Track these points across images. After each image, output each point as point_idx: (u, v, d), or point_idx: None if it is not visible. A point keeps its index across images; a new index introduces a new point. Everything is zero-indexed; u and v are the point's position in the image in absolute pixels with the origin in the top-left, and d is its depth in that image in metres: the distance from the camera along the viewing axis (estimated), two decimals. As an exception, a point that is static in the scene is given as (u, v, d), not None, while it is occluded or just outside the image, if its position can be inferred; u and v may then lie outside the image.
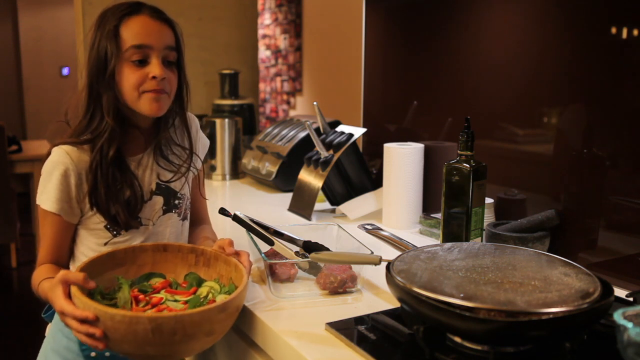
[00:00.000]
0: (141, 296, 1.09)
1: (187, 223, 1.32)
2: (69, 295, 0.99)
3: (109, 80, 1.14)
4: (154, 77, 1.14)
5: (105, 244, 1.20)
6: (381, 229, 1.61)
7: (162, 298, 1.09)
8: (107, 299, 1.07)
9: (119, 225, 1.19)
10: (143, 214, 1.22)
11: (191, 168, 1.29)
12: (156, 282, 1.15)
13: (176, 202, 1.27)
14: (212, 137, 2.32)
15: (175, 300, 1.09)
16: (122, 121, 1.18)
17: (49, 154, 1.17)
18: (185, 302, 1.08)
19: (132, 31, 1.13)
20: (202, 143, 1.38)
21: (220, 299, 1.07)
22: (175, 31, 1.19)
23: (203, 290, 1.12)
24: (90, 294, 1.04)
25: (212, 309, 0.97)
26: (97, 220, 1.19)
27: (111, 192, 1.16)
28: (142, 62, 1.14)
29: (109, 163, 1.16)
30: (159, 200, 1.24)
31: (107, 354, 1.19)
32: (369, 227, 1.63)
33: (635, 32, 1.23)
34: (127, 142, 1.21)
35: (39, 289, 1.12)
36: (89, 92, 1.16)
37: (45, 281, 1.10)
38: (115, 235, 1.20)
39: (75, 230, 1.21)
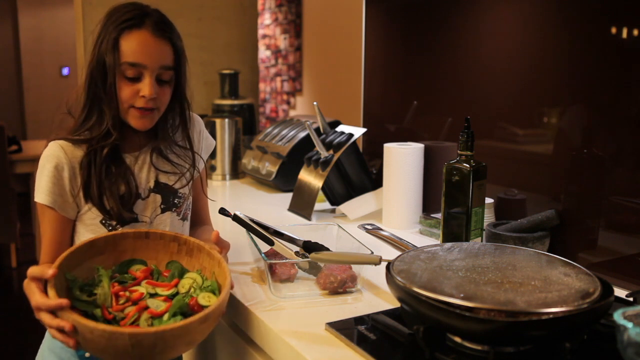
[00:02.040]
0: (121, 292, 1.07)
1: (187, 223, 1.32)
2: (45, 291, 0.99)
3: (111, 89, 1.14)
4: (143, 96, 1.14)
5: None
6: (381, 229, 1.61)
7: (142, 293, 1.07)
8: (86, 292, 1.05)
9: (112, 218, 1.19)
10: (140, 210, 1.22)
11: (198, 168, 1.29)
12: (137, 269, 1.13)
13: (175, 200, 1.27)
14: (212, 137, 2.32)
15: (156, 294, 1.08)
16: (120, 123, 1.18)
17: (46, 147, 1.18)
18: (166, 298, 1.07)
19: (130, 47, 1.12)
20: (206, 143, 1.38)
21: (202, 298, 1.06)
22: (176, 48, 1.18)
23: (185, 283, 1.10)
24: (70, 288, 1.04)
25: (194, 322, 0.96)
26: (92, 216, 1.19)
27: (104, 184, 1.16)
28: (135, 78, 1.14)
29: (102, 159, 1.16)
30: (156, 199, 1.24)
31: None
32: (369, 227, 1.63)
33: (636, 32, 1.23)
34: (124, 138, 1.21)
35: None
36: (88, 91, 1.16)
37: (32, 268, 1.08)
38: (110, 231, 1.20)
39: (73, 227, 1.21)
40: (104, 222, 1.19)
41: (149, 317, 1.02)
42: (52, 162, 1.15)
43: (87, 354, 1.18)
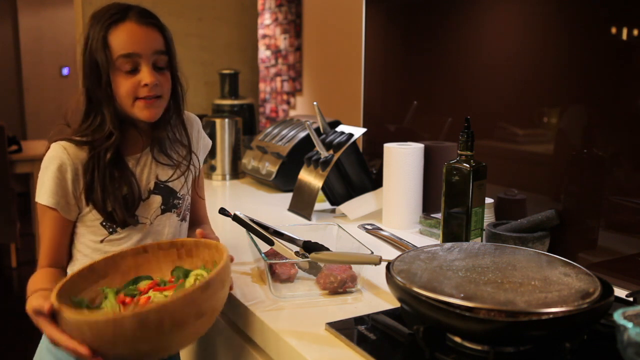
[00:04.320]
0: (128, 300, 1.07)
1: (185, 224, 1.32)
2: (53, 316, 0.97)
3: (107, 89, 1.14)
4: (145, 85, 1.14)
5: (102, 241, 1.20)
6: (381, 229, 1.61)
7: (149, 297, 1.07)
8: (95, 310, 1.05)
9: (115, 223, 1.19)
10: (140, 212, 1.22)
11: (190, 167, 1.29)
12: (144, 285, 1.13)
13: (175, 202, 1.27)
14: (212, 137, 2.32)
15: (165, 296, 1.07)
16: (122, 124, 1.19)
17: (47, 150, 1.18)
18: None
19: (120, 40, 1.13)
20: (203, 143, 1.38)
21: None
22: (164, 33, 1.18)
23: (190, 280, 1.10)
24: (78, 310, 1.02)
25: (195, 290, 0.93)
26: (93, 217, 1.19)
27: (108, 189, 1.16)
28: (133, 70, 1.14)
29: (106, 163, 1.16)
30: (157, 200, 1.24)
31: None
32: (369, 227, 1.63)
33: (635, 32, 1.23)
34: (125, 141, 1.22)
35: (27, 300, 1.08)
36: (87, 97, 1.17)
37: (32, 298, 1.05)
38: (111, 233, 1.20)
39: (73, 228, 1.21)
40: (104, 223, 1.20)
41: None
42: (55, 164, 1.15)
43: None
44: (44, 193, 1.16)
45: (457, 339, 0.93)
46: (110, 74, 1.14)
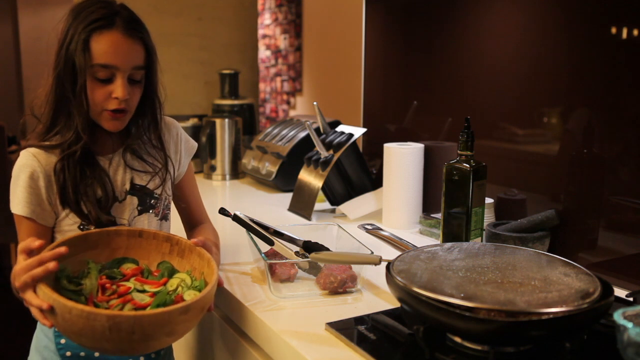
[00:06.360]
0: (108, 284, 1.06)
1: (167, 223, 1.30)
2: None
3: (80, 92, 1.11)
4: (116, 98, 1.12)
5: None
6: (381, 229, 1.61)
7: (129, 287, 1.06)
8: (74, 284, 1.04)
9: (90, 222, 1.17)
10: (118, 213, 1.20)
11: (171, 170, 1.27)
12: (128, 267, 1.12)
13: (152, 202, 1.25)
14: (212, 137, 2.32)
15: (143, 291, 1.07)
16: (90, 125, 1.16)
17: (17, 156, 1.16)
18: (153, 294, 1.06)
19: (101, 49, 1.10)
20: (187, 147, 1.35)
21: (188, 295, 1.05)
22: (148, 46, 1.15)
23: (173, 282, 1.09)
24: (57, 277, 1.03)
25: (174, 311, 0.93)
26: (70, 222, 1.17)
27: (80, 189, 1.14)
28: (107, 79, 1.12)
29: (76, 162, 1.14)
30: (133, 201, 1.22)
31: (82, 353, 1.18)
32: (369, 227, 1.63)
33: (636, 32, 1.23)
34: (96, 141, 1.19)
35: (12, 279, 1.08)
36: (55, 93, 1.13)
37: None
38: None
39: (51, 234, 1.19)
40: (82, 227, 1.18)
41: (132, 307, 1.02)
42: (27, 172, 1.13)
43: (67, 353, 1.18)
44: (18, 203, 1.14)
45: (457, 339, 0.93)
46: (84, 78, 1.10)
